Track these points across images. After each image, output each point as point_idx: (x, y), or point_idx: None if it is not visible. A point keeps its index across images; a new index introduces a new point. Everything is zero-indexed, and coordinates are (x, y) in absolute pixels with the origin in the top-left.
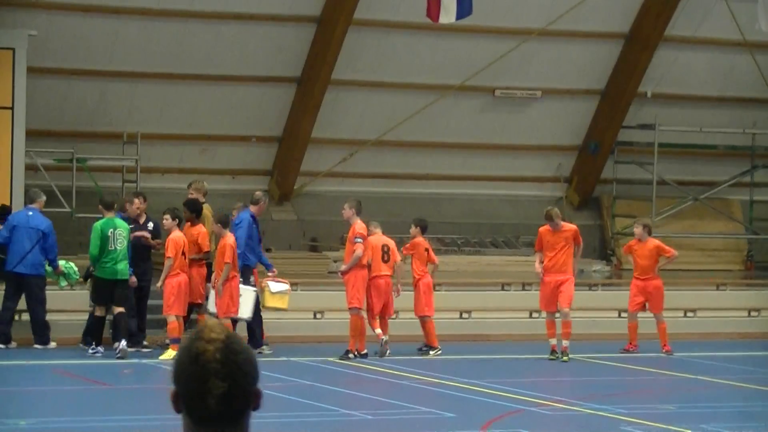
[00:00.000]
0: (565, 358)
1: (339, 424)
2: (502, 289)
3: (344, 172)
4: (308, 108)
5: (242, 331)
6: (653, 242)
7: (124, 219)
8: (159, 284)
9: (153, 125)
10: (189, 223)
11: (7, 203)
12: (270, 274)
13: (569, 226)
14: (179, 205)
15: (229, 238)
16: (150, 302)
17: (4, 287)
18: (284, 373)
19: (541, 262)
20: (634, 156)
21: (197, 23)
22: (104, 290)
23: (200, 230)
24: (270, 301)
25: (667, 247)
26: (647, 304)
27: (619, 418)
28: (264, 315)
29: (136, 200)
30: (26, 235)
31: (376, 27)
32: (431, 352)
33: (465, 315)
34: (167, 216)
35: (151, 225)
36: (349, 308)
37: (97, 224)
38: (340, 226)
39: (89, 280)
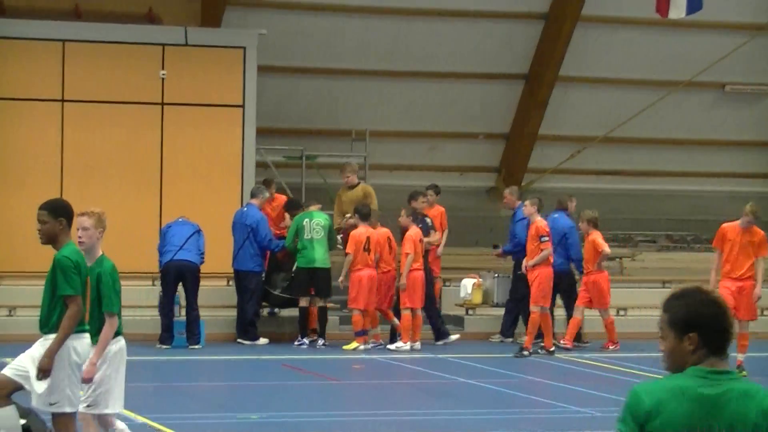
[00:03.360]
0: (743, 373)
1: (567, 421)
2: None
3: (571, 169)
4: (536, 105)
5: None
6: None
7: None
8: (341, 279)
9: (381, 122)
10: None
11: (238, 199)
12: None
13: (759, 231)
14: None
15: (412, 230)
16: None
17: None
18: (511, 370)
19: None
20: None
21: (425, 21)
22: (302, 279)
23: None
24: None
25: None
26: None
27: None
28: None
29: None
30: (239, 231)
31: (604, 23)
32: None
33: None
34: (355, 215)
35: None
36: (533, 305)
37: (297, 216)
38: None
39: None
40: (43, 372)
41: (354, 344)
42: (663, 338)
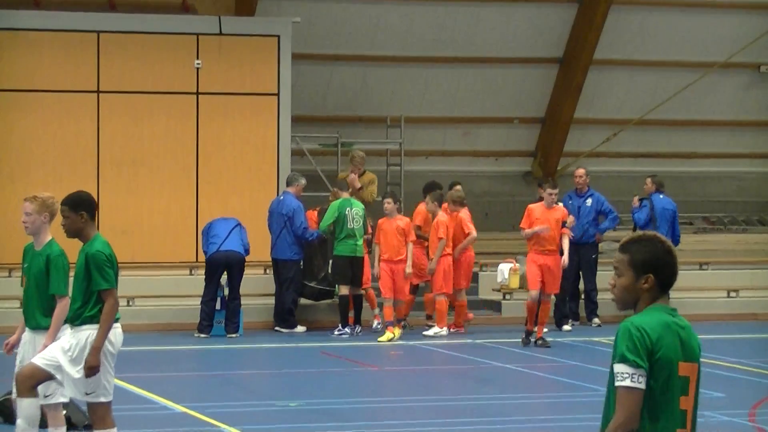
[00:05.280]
0: None
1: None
2: None
3: (607, 152)
4: (570, 88)
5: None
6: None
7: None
8: (408, 271)
9: (416, 108)
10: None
11: (274, 188)
12: None
13: None
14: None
15: (441, 215)
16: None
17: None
18: (547, 354)
19: None
20: None
21: (458, 6)
22: (343, 268)
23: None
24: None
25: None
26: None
27: None
28: None
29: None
30: (276, 221)
31: (638, 5)
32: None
33: (732, 294)
34: (389, 200)
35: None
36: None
37: (335, 202)
38: None
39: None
40: (92, 369)
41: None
42: (619, 275)
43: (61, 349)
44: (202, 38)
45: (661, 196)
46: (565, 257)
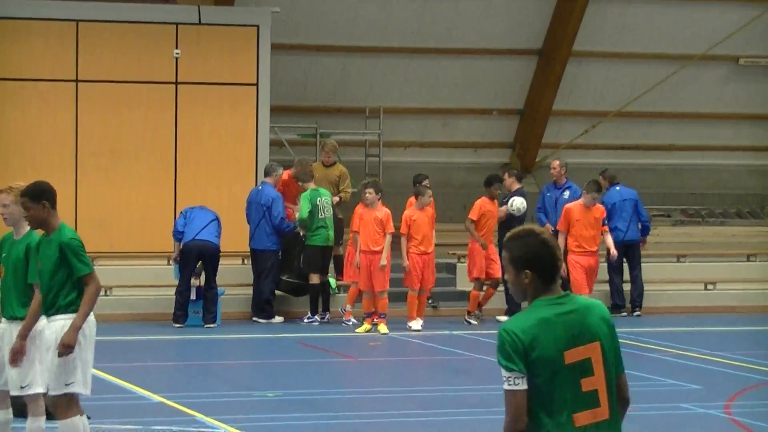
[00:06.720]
0: None
1: None
2: (748, 260)
3: (586, 144)
4: (549, 80)
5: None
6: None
7: None
8: (382, 263)
9: (395, 100)
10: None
11: (252, 178)
12: None
13: None
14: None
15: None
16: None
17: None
18: None
19: None
20: None
21: None
22: (316, 257)
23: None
24: None
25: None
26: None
27: None
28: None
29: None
30: (255, 211)
31: None
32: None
33: (710, 286)
34: (370, 189)
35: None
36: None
37: (305, 193)
38: None
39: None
40: (66, 347)
41: (366, 326)
42: (507, 273)
43: (38, 367)
44: (182, 28)
45: (618, 188)
46: (613, 251)
